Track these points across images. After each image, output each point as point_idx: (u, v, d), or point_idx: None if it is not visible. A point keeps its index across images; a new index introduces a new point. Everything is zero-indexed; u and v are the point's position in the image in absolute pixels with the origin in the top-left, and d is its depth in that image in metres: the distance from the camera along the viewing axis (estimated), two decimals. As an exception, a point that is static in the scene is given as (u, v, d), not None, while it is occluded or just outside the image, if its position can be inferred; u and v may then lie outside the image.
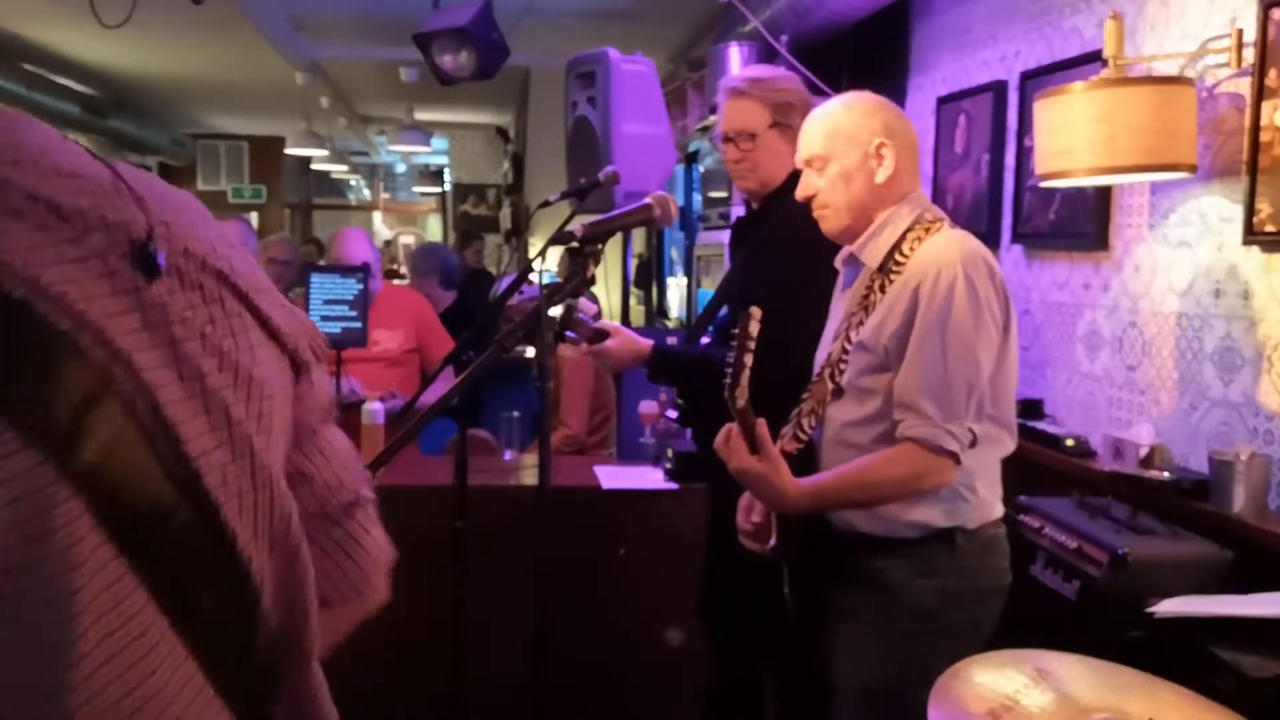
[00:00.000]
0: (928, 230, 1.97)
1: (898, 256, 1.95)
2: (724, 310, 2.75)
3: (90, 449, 0.66)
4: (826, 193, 2.02)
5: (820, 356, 2.08)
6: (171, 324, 0.73)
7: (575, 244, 2.07)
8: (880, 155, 1.99)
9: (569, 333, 2.42)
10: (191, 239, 0.78)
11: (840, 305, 2.10)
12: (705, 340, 2.80)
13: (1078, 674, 1.44)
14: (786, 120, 2.42)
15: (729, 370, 1.79)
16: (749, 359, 1.78)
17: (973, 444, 1.87)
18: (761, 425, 1.88)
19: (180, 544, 0.70)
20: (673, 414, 2.85)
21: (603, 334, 2.46)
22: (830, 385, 2.00)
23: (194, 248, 0.77)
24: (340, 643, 0.92)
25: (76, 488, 0.65)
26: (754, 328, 1.79)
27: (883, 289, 1.95)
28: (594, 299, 4.99)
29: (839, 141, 2.00)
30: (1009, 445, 2.01)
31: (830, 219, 2.04)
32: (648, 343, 2.50)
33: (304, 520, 0.84)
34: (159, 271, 0.73)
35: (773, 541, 2.05)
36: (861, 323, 1.97)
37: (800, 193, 2.06)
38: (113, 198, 0.74)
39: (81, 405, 0.66)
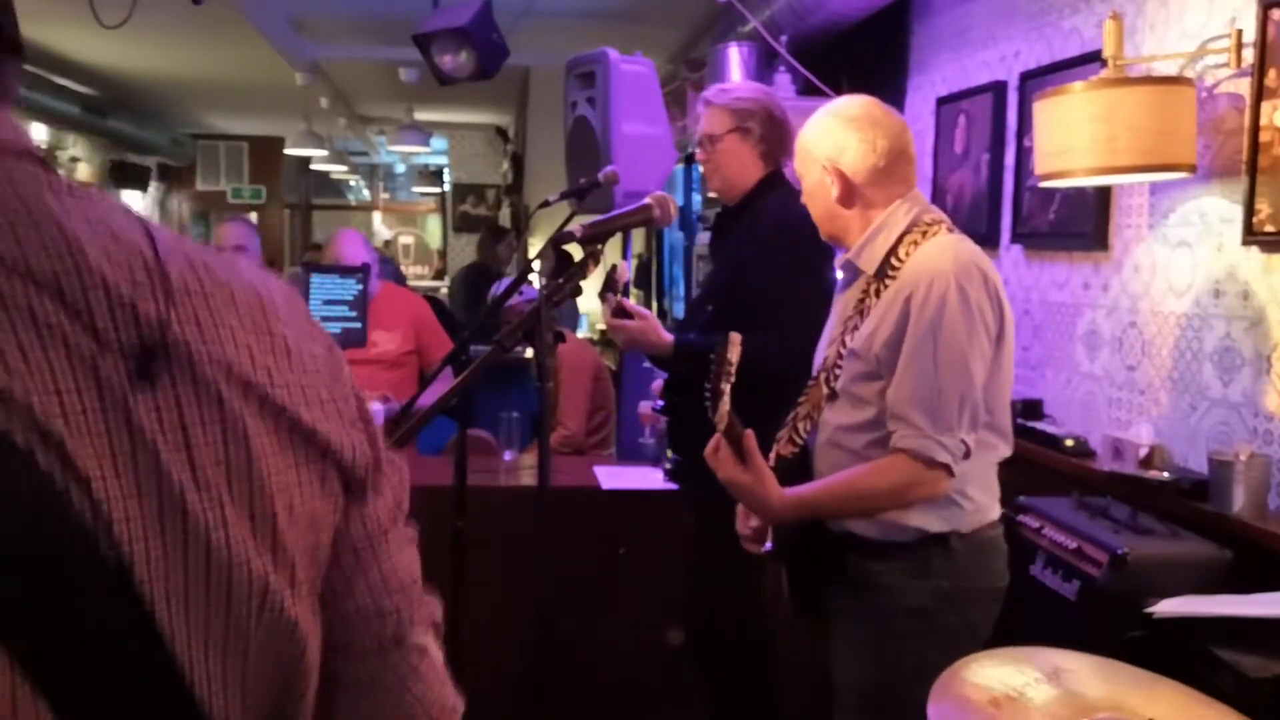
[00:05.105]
0: (924, 234, 1.96)
1: (893, 261, 1.95)
2: (709, 307, 2.80)
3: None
4: (807, 203, 2.10)
5: (817, 360, 2.08)
6: (160, 439, 0.65)
7: (575, 243, 2.08)
8: (834, 173, 2.00)
9: (609, 292, 2.51)
10: (223, 341, 0.69)
11: (837, 308, 2.10)
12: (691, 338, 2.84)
13: (1083, 671, 1.44)
14: (746, 126, 2.63)
15: (708, 396, 1.80)
16: (727, 385, 1.79)
17: (966, 455, 1.87)
18: (749, 437, 1.88)
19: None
20: (659, 403, 2.87)
21: (624, 312, 2.52)
22: (825, 389, 2.00)
23: (220, 353, 0.68)
24: None
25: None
26: (734, 354, 1.79)
27: (877, 294, 1.95)
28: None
29: (803, 159, 2.07)
30: (1004, 451, 2.01)
31: (819, 227, 2.11)
32: (669, 338, 2.57)
33: (329, 651, 0.77)
34: (153, 382, 0.65)
35: (769, 545, 2.05)
36: (856, 328, 1.96)
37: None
38: (133, 280, 0.65)
39: (30, 530, 0.59)
